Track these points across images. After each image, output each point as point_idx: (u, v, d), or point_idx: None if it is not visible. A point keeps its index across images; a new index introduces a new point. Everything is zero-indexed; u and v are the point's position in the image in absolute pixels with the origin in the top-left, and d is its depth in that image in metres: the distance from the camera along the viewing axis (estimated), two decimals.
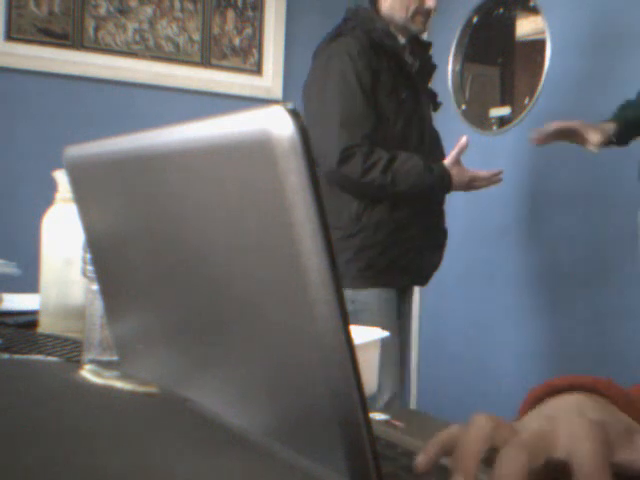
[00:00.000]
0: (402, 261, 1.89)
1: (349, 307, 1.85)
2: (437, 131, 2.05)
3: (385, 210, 1.84)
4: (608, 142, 1.83)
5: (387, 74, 1.88)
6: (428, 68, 2.05)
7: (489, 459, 0.47)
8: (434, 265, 1.99)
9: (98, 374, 0.33)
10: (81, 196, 0.50)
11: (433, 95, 2.09)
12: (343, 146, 1.77)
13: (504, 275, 2.56)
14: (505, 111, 2.60)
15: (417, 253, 1.91)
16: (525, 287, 2.47)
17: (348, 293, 1.86)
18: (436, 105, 2.10)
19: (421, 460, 0.42)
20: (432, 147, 1.99)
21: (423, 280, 2.00)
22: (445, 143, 2.76)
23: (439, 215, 2.00)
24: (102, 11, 2.59)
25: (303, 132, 0.29)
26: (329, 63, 1.85)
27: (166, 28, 2.70)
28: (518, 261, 2.51)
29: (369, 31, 1.88)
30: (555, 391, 0.50)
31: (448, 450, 0.42)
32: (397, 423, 0.54)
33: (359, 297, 1.87)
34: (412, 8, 1.92)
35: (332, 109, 1.80)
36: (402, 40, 1.96)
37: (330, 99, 1.82)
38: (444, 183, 1.86)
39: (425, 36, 2.87)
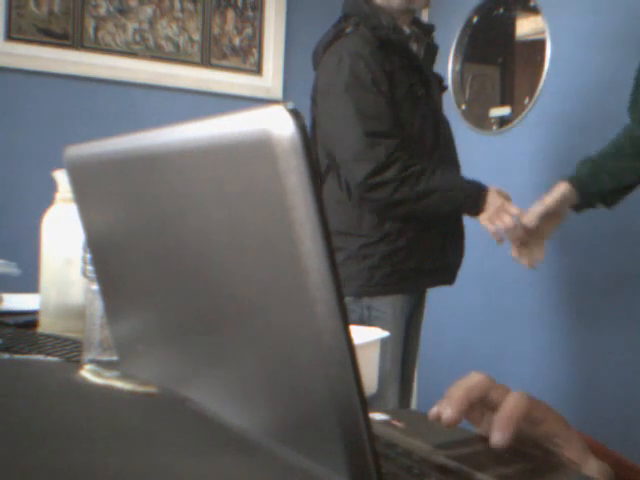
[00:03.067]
0: (428, 262, 1.84)
1: (364, 314, 1.84)
2: (447, 120, 1.97)
3: None
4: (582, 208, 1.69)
5: (401, 73, 1.79)
6: (432, 51, 1.95)
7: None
8: (458, 261, 1.94)
9: (98, 374, 0.33)
10: (81, 196, 0.50)
11: (439, 78, 2.00)
12: (372, 162, 1.69)
13: (505, 275, 2.56)
14: (505, 111, 2.60)
15: (441, 251, 1.87)
16: (529, 288, 2.47)
17: (365, 300, 1.83)
18: (443, 89, 2.03)
19: (450, 415, 0.48)
20: (446, 139, 1.92)
21: (451, 278, 1.94)
22: None
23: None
24: (102, 11, 2.59)
25: (303, 132, 0.29)
26: (341, 64, 1.74)
27: (166, 28, 2.70)
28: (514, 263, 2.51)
29: (375, 28, 1.77)
30: None
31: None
32: (397, 423, 0.54)
33: (374, 304, 1.83)
34: None
35: (352, 116, 1.71)
36: (407, 30, 1.87)
37: (348, 104, 1.71)
38: (478, 192, 1.77)
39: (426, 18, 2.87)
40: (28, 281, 1.19)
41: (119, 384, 0.32)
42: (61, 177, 1.03)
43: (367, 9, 1.81)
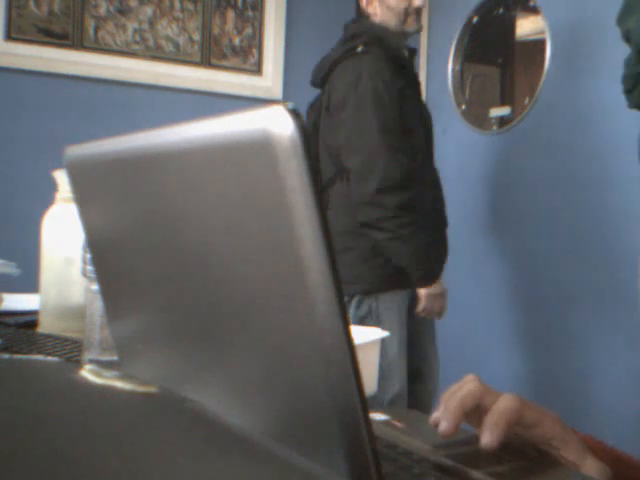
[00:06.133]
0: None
1: (373, 306, 1.90)
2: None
3: None
4: None
5: (409, 89, 1.93)
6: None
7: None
8: (443, 259, 2.02)
9: (98, 374, 0.33)
10: (81, 196, 0.50)
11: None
12: (385, 179, 1.79)
13: (501, 274, 2.56)
14: (505, 111, 2.60)
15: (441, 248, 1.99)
16: (522, 287, 2.47)
17: (374, 295, 1.89)
18: None
19: (446, 428, 0.49)
20: (430, 144, 2.06)
21: (435, 277, 1.98)
22: (446, 143, 2.77)
23: (443, 207, 2.06)
24: (102, 11, 2.59)
25: (303, 132, 0.29)
26: (361, 81, 1.85)
27: (166, 28, 2.70)
28: (514, 262, 2.51)
29: (387, 49, 1.90)
30: None
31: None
32: (397, 423, 0.54)
33: (383, 297, 1.90)
34: (402, 11, 1.95)
35: (375, 130, 1.81)
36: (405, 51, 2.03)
37: (370, 124, 1.81)
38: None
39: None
40: (28, 281, 1.19)
41: (119, 384, 0.32)
42: (61, 177, 1.03)
43: (377, 30, 1.94)
